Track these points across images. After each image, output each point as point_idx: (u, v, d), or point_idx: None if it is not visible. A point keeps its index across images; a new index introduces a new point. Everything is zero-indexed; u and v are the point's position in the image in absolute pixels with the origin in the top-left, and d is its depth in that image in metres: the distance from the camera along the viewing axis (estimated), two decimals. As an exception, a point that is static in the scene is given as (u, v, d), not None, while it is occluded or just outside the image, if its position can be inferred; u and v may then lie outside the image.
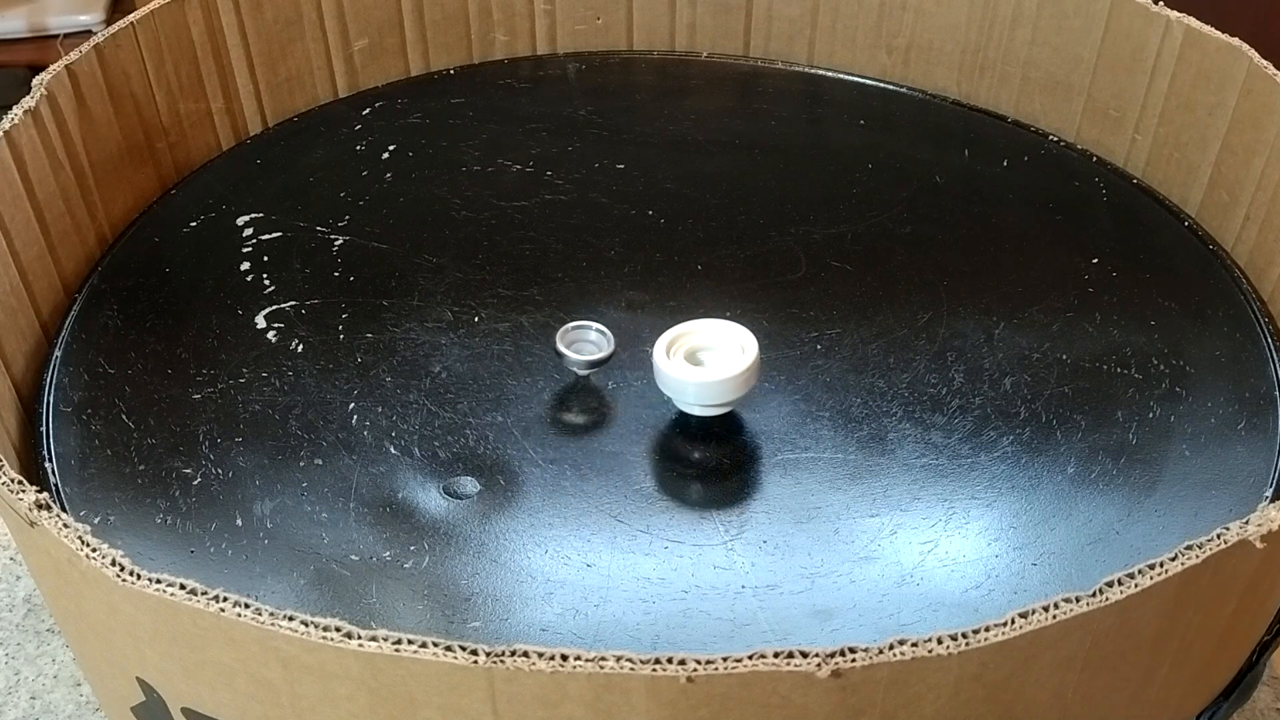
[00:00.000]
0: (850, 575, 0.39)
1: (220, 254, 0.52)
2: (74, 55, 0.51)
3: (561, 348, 0.45)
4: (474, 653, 0.28)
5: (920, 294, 0.50)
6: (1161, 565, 0.30)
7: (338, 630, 0.29)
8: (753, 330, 0.48)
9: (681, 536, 0.41)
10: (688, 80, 0.64)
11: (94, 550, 0.31)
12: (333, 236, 0.53)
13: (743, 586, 0.39)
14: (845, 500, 0.42)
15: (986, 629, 0.29)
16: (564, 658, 0.28)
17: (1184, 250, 0.53)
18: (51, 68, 0.50)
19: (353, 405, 0.45)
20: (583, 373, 0.45)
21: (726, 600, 0.38)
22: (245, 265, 0.51)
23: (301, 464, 0.43)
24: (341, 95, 0.63)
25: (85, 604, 0.34)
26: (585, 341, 0.46)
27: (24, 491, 0.33)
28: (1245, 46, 0.52)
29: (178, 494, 0.42)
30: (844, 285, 0.51)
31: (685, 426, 0.44)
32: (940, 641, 0.29)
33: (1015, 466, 0.43)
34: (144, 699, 0.35)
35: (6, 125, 0.47)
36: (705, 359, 0.44)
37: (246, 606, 0.30)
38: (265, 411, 0.45)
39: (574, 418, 0.45)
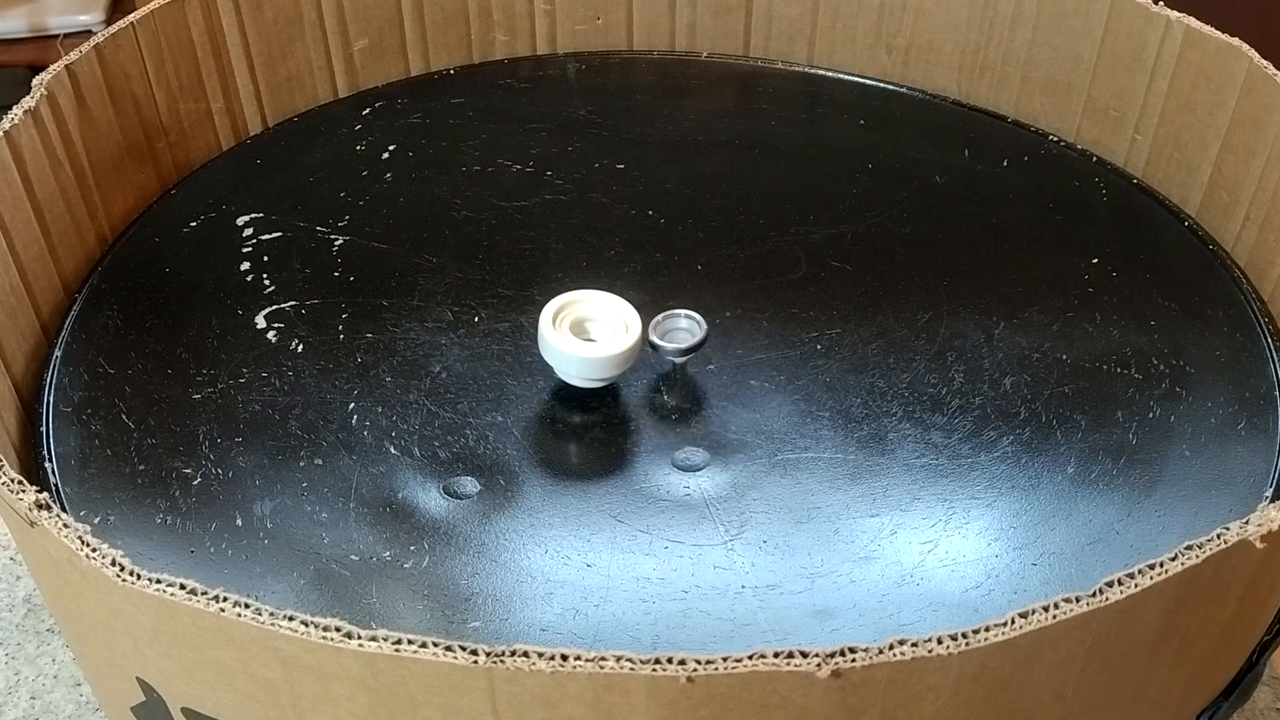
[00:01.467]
0: (850, 575, 0.39)
1: (220, 254, 0.52)
2: (74, 55, 0.51)
3: (655, 339, 0.45)
4: (474, 653, 0.28)
5: (920, 294, 0.50)
6: (1161, 565, 0.30)
7: (338, 630, 0.29)
8: (752, 330, 0.48)
9: (681, 536, 0.41)
10: (688, 80, 0.64)
11: (94, 550, 0.31)
12: (333, 236, 0.53)
13: (743, 586, 0.39)
14: (845, 500, 0.42)
15: (986, 629, 0.29)
16: (564, 658, 0.28)
17: (1184, 250, 0.53)
18: (51, 68, 0.50)
19: (353, 405, 0.45)
20: (679, 360, 0.46)
21: (726, 600, 0.38)
22: (245, 265, 0.51)
23: (301, 464, 0.43)
24: (341, 95, 0.63)
25: (85, 604, 0.34)
26: (677, 329, 0.46)
27: (24, 491, 0.33)
28: (1245, 46, 0.52)
29: (178, 494, 0.42)
30: (844, 285, 0.51)
31: (686, 427, 0.44)
32: (940, 641, 0.29)
33: (1015, 466, 0.43)
34: (144, 699, 0.35)
35: (6, 125, 0.47)
36: (592, 330, 0.45)
37: (246, 606, 0.30)
38: (265, 411, 0.45)
39: (576, 420, 0.45)
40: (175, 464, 0.43)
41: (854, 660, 0.28)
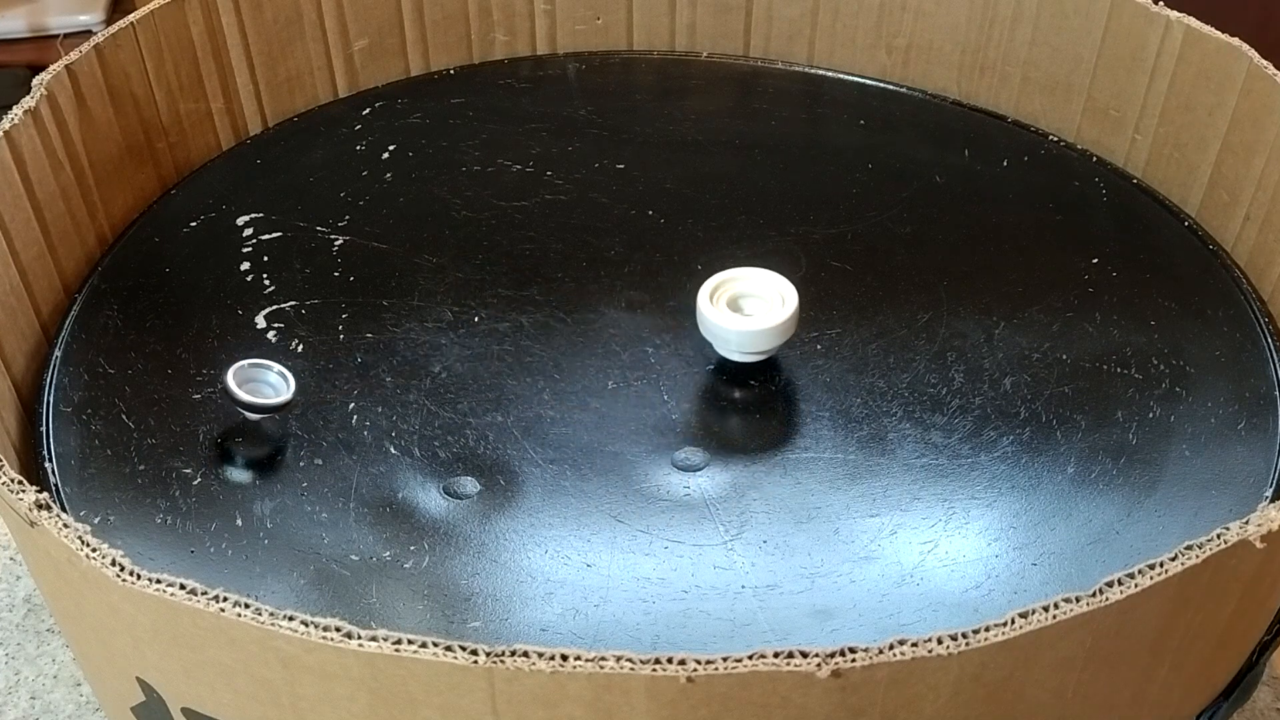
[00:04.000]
0: (850, 575, 0.39)
1: (220, 254, 0.52)
2: (74, 55, 0.51)
3: (233, 387, 0.42)
4: (474, 653, 0.28)
5: (920, 294, 0.50)
6: (1161, 565, 0.30)
7: (338, 630, 0.29)
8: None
9: (681, 536, 0.41)
10: (688, 80, 0.64)
11: (94, 550, 0.31)
12: (333, 236, 0.53)
13: (743, 586, 0.39)
14: (845, 500, 0.42)
15: (986, 629, 0.29)
16: (564, 658, 0.28)
17: (1184, 250, 0.53)
18: (51, 68, 0.50)
19: (353, 405, 0.45)
20: (254, 417, 0.43)
21: (726, 600, 0.38)
22: (245, 265, 0.51)
23: (301, 464, 0.43)
24: (341, 95, 0.63)
25: (85, 604, 0.34)
26: (263, 383, 0.44)
27: (24, 491, 0.33)
28: (1245, 46, 0.52)
29: (178, 494, 0.42)
30: (844, 285, 0.51)
31: (685, 427, 0.44)
32: (940, 641, 0.29)
33: (1015, 466, 0.43)
34: (144, 699, 0.35)
35: (6, 125, 0.47)
36: (747, 306, 0.46)
37: (246, 606, 0.30)
38: (265, 411, 0.45)
39: (577, 420, 0.45)
40: (175, 464, 0.43)
41: (854, 660, 0.28)
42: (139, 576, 0.31)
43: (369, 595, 0.39)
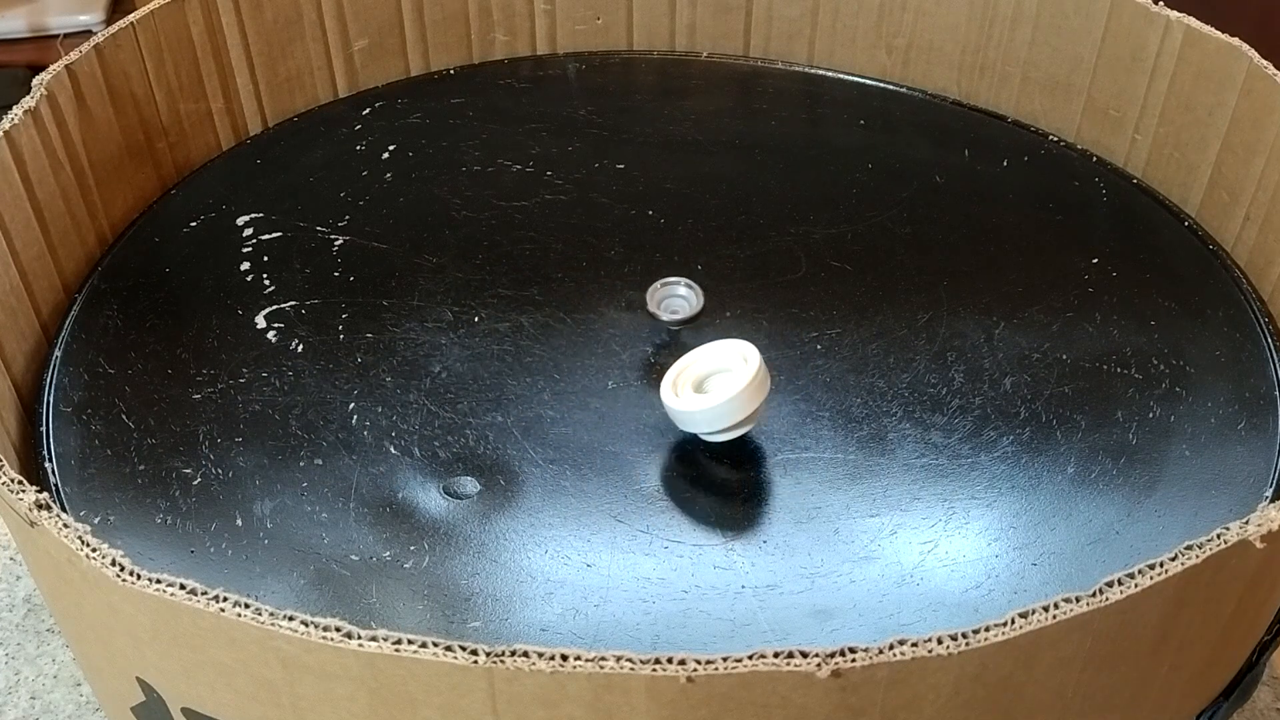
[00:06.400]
0: (850, 575, 0.39)
1: (220, 254, 0.52)
2: (74, 55, 0.51)
3: (651, 307, 0.47)
4: (474, 653, 0.28)
5: (920, 294, 0.50)
6: (1161, 565, 0.30)
7: (338, 630, 0.29)
8: (753, 330, 0.48)
9: (681, 536, 0.41)
10: (688, 80, 0.64)
11: (94, 550, 0.31)
12: (333, 236, 0.53)
13: (743, 586, 0.39)
14: (845, 500, 0.42)
15: (986, 629, 0.29)
16: (564, 658, 0.28)
17: (1184, 250, 0.53)
18: (51, 68, 0.50)
19: (353, 405, 0.45)
20: (676, 327, 0.47)
21: (726, 600, 0.38)
22: (245, 265, 0.51)
23: (301, 464, 0.43)
24: (341, 95, 0.63)
25: (85, 604, 0.34)
26: (674, 297, 0.48)
27: (24, 491, 0.33)
28: (1245, 46, 0.52)
29: (178, 494, 0.42)
30: (844, 285, 0.51)
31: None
32: (940, 641, 0.29)
33: (1015, 466, 0.43)
34: (144, 699, 0.35)
35: (6, 125, 0.47)
36: (713, 385, 0.43)
37: (246, 606, 0.30)
38: (265, 411, 0.45)
39: (576, 420, 0.45)
40: (175, 464, 0.43)
41: (854, 660, 0.28)
42: (139, 576, 0.31)
43: (369, 595, 0.39)
